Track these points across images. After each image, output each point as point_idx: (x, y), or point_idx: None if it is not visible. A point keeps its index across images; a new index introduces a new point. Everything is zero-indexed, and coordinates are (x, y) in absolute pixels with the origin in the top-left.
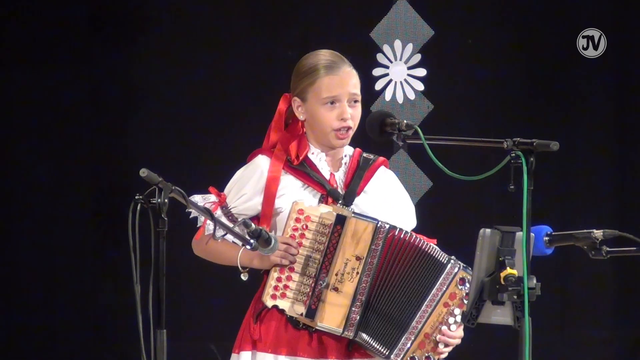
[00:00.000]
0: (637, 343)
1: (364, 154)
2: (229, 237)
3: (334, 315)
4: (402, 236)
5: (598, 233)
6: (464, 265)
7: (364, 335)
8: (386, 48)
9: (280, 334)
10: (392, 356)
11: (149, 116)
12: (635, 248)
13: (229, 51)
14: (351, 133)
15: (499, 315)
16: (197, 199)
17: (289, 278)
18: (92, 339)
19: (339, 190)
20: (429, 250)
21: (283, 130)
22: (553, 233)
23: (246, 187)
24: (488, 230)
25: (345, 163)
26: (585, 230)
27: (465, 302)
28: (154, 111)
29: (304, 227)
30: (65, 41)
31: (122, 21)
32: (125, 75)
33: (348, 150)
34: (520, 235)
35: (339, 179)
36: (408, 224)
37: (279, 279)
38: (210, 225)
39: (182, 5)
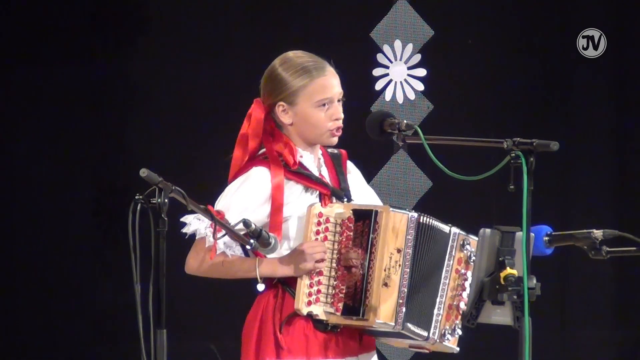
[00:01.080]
0: (637, 343)
1: (329, 150)
2: (232, 250)
3: (386, 311)
4: (425, 220)
5: (598, 233)
6: (459, 229)
7: (410, 325)
8: (386, 48)
9: (311, 339)
10: (430, 336)
11: (148, 116)
12: (635, 248)
13: (229, 51)
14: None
15: (499, 315)
16: (190, 219)
17: (319, 282)
18: (92, 339)
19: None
20: (435, 224)
21: (260, 137)
22: (553, 233)
23: (248, 201)
24: (488, 230)
25: (323, 162)
26: (585, 230)
27: (471, 262)
28: (154, 111)
29: (325, 229)
30: (66, 41)
31: (122, 21)
32: (125, 75)
33: (317, 149)
34: (520, 235)
35: (326, 177)
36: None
37: (311, 285)
38: (220, 243)
39: (182, 5)
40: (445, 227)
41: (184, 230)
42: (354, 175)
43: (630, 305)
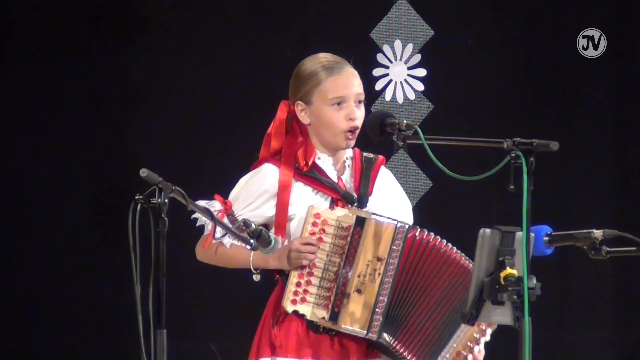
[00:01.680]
0: (637, 343)
1: (364, 154)
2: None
3: (357, 317)
4: (424, 236)
5: (598, 233)
6: None
7: (386, 336)
8: (386, 48)
9: (302, 339)
10: None
11: (149, 116)
12: (635, 248)
13: (229, 51)
14: (357, 133)
15: (499, 315)
16: (202, 205)
17: (308, 282)
18: (92, 339)
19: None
20: (465, 264)
21: (284, 137)
22: (553, 233)
23: (254, 195)
24: (488, 230)
25: (349, 165)
26: (585, 230)
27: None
28: (154, 111)
29: (322, 230)
30: (65, 41)
31: (122, 21)
32: (125, 75)
33: (349, 152)
34: (520, 235)
35: (347, 181)
36: (408, 221)
37: (298, 284)
38: (217, 233)
39: (182, 5)
40: None
41: (194, 216)
42: (385, 182)
43: (630, 305)
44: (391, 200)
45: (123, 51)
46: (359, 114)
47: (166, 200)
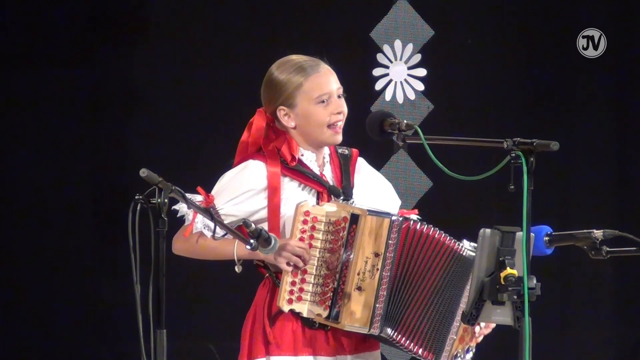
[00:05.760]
0: (637, 343)
1: (339, 150)
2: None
3: (359, 315)
4: (417, 227)
5: (598, 233)
6: None
7: (389, 330)
8: (386, 48)
9: (298, 336)
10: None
11: (148, 116)
12: (635, 248)
13: (229, 51)
14: (342, 126)
15: (499, 315)
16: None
17: (302, 280)
18: (92, 339)
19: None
20: (457, 249)
21: (260, 144)
22: (553, 233)
23: (240, 191)
24: (488, 230)
25: (328, 161)
26: (585, 230)
27: None
28: (153, 111)
29: (312, 228)
30: (65, 41)
31: (122, 21)
32: (125, 76)
33: (325, 149)
34: (520, 235)
35: (329, 177)
36: (395, 204)
37: (293, 283)
38: (199, 223)
39: (182, 5)
40: (468, 252)
41: (175, 207)
42: (364, 174)
43: (630, 305)
44: (374, 188)
45: (123, 52)
46: (345, 108)
47: (166, 200)
